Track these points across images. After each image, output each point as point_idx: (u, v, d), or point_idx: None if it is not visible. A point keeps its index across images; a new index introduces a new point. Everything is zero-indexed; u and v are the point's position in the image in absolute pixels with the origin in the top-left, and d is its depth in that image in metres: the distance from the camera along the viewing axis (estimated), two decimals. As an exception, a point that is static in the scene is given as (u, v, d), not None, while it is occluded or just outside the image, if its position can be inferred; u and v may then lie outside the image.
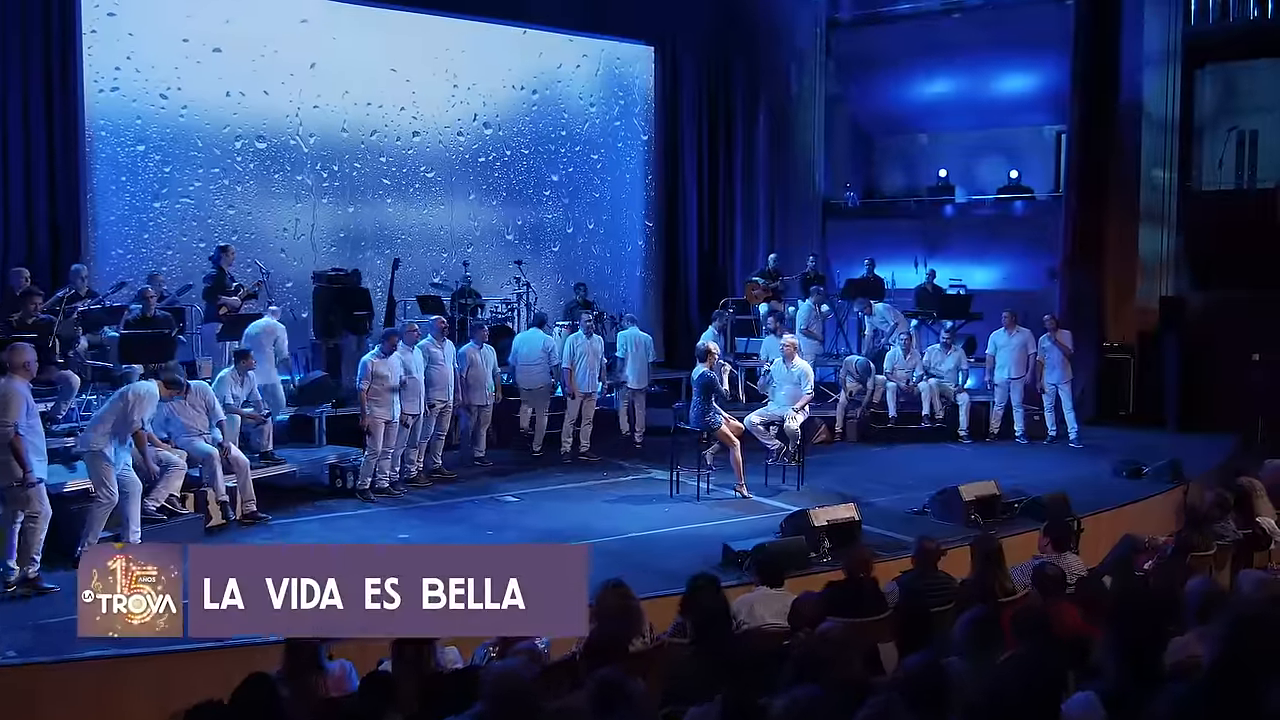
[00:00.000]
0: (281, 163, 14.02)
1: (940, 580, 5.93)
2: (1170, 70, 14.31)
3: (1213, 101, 14.56)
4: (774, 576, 5.58)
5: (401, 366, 9.63)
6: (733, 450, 9.51)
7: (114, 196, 12.91)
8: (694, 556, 7.49)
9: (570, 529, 8.42)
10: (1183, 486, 10.22)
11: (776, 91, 17.56)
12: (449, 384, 10.24)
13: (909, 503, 9.25)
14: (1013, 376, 12.57)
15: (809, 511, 7.69)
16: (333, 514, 9.00)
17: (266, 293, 11.22)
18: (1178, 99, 14.27)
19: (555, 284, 16.19)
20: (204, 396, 8.54)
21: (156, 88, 13.09)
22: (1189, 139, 14.38)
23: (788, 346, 10.19)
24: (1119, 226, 14.55)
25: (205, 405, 8.52)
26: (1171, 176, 14.29)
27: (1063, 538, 6.32)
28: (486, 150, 15.66)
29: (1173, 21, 14.20)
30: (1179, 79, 14.29)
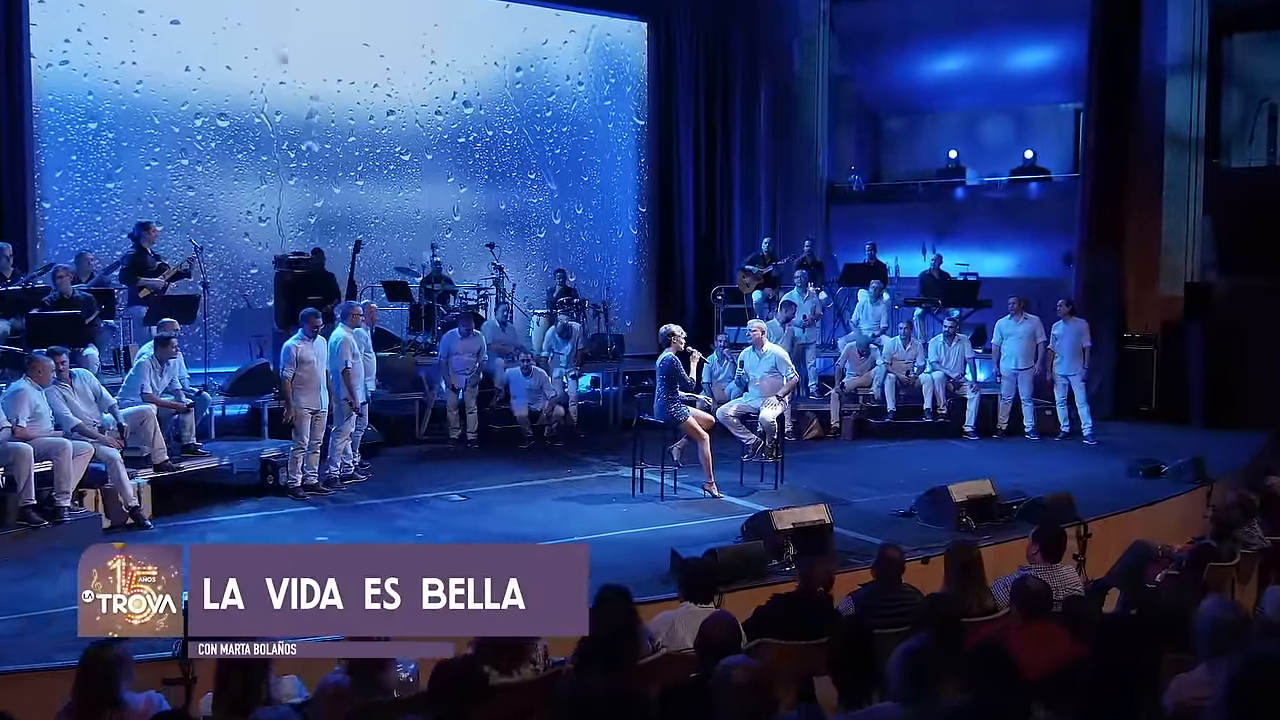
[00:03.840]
0: (245, 142, 13.28)
1: (903, 596, 5.03)
2: (1196, 40, 13.28)
3: (1242, 74, 13.51)
4: (699, 590, 4.68)
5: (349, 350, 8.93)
6: (701, 445, 8.62)
7: (64, 177, 12.22)
8: (643, 565, 6.62)
9: (509, 531, 7.57)
10: (1206, 487, 9.22)
11: (777, 69, 16.68)
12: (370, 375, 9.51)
13: (895, 504, 8.32)
14: (1020, 367, 11.63)
15: (771, 513, 6.78)
16: (247, 514, 8.17)
17: (199, 270, 10.41)
18: (1204, 71, 13.26)
19: (541, 272, 15.37)
20: (90, 384, 7.75)
21: (110, 61, 12.40)
22: (1216, 114, 13.39)
23: (755, 332, 9.28)
24: (1140, 208, 13.55)
25: (94, 393, 7.74)
26: (1197, 154, 13.25)
27: (1054, 546, 5.36)
28: (467, 130, 14.85)
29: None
30: (1205, 50, 13.26)
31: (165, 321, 8.78)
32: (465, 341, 11.17)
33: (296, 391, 8.51)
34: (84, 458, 7.39)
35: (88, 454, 7.42)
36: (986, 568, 5.65)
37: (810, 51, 16.58)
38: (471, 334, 11.25)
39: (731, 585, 6.14)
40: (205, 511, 8.13)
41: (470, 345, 11.20)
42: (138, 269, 9.89)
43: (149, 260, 10.08)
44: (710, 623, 3.94)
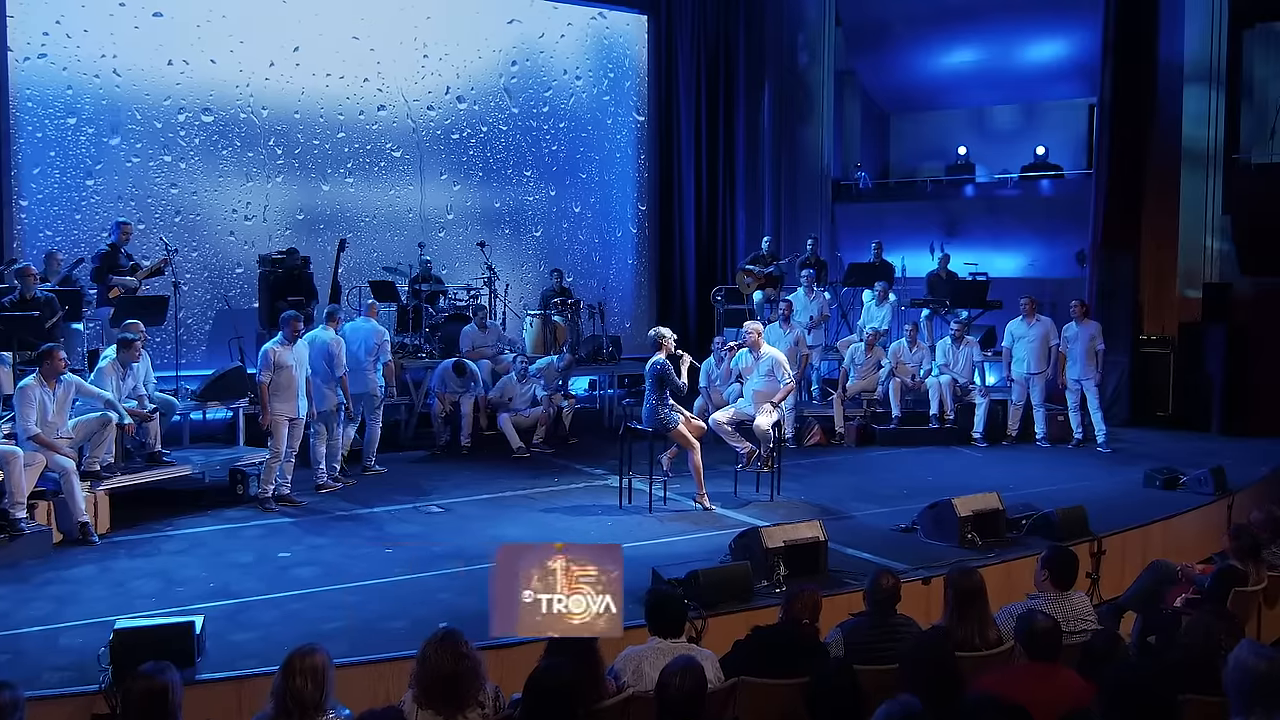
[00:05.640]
0: (230, 138, 12.88)
1: (898, 629, 4.56)
2: (1215, 31, 12.77)
3: (1263, 65, 12.96)
4: (666, 624, 4.22)
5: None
6: (691, 454, 8.16)
7: (42, 174, 11.85)
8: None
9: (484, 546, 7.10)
10: (1227, 500, 8.73)
11: (781, 64, 16.25)
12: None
13: (897, 517, 7.83)
14: (1032, 371, 11.14)
15: (761, 530, 6.30)
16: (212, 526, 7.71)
17: (172, 271, 10.00)
18: (1223, 63, 12.76)
19: (538, 271, 14.95)
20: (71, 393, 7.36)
21: (89, 55, 12.05)
22: (1236, 108, 12.84)
23: (751, 334, 8.79)
24: (1156, 206, 13.04)
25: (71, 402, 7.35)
26: (1216, 150, 12.72)
27: (1066, 573, 4.88)
28: (460, 126, 14.43)
29: (1218, -24, 12.67)
30: (1225, 41, 12.74)
31: (129, 323, 8.35)
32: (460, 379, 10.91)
33: (273, 397, 8.09)
34: (36, 468, 7.00)
35: (40, 464, 7.02)
36: (993, 588, 5.20)
37: (815, 45, 16.15)
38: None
39: (716, 610, 5.70)
40: (168, 523, 7.70)
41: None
42: (109, 268, 9.48)
43: (121, 260, 9.67)
44: (671, 672, 3.48)
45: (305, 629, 5.47)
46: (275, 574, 6.52)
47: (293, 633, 5.35)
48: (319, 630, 5.44)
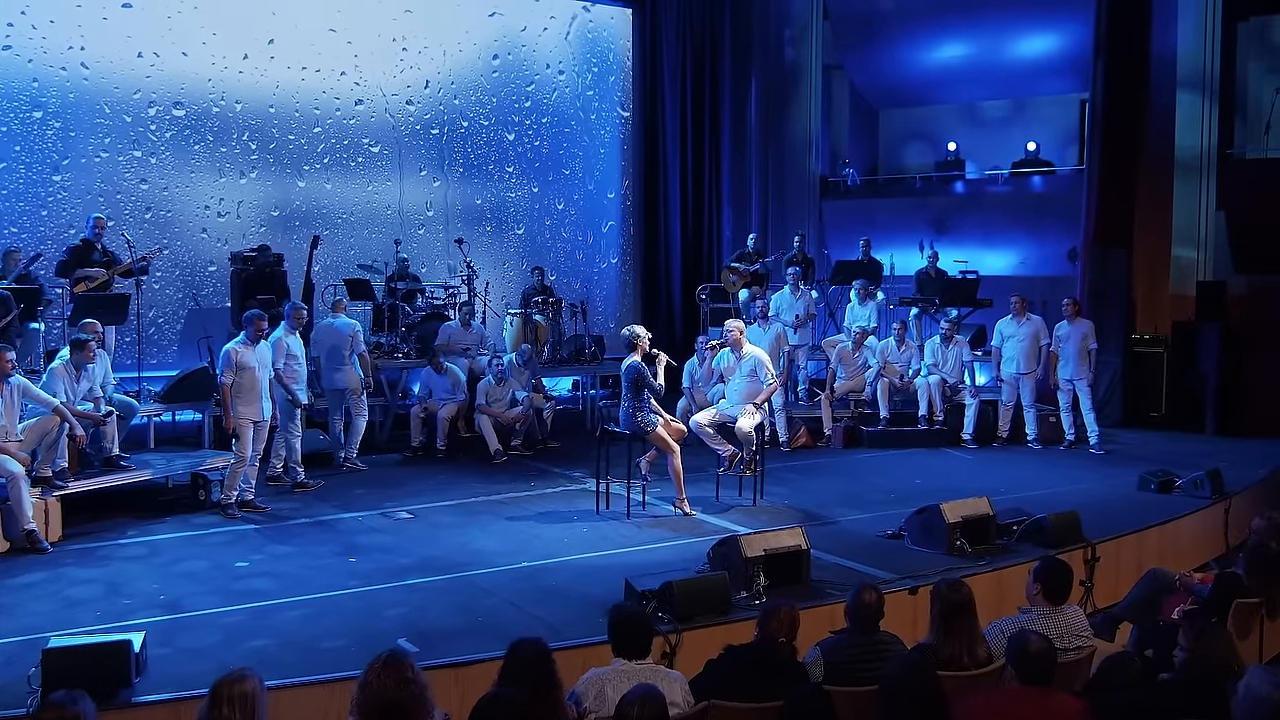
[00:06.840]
0: (202, 132, 12.57)
1: (881, 646, 4.28)
2: (1208, 24, 12.50)
3: (1257, 59, 12.71)
4: (630, 644, 3.93)
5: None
6: (671, 457, 7.87)
7: (8, 169, 11.54)
8: (592, 598, 5.86)
9: (450, 556, 6.81)
10: (1224, 503, 8.47)
11: (768, 58, 15.99)
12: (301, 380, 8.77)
13: (884, 523, 7.54)
14: (1021, 371, 10.88)
15: (740, 538, 6.01)
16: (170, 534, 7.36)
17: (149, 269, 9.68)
18: (1217, 56, 12.47)
19: (519, 269, 14.65)
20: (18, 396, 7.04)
21: (56, 46, 11.73)
22: (1230, 102, 12.58)
23: (733, 333, 8.49)
24: (1149, 202, 12.78)
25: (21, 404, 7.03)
26: (1210, 145, 12.46)
27: (1059, 586, 4.59)
28: (440, 121, 14.12)
29: (1210, -33, 12.40)
30: (1218, 35, 12.47)
31: (86, 322, 8.03)
32: (441, 378, 10.62)
33: (235, 399, 7.77)
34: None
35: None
36: (983, 597, 4.93)
37: (803, 39, 15.89)
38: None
39: (691, 623, 5.41)
40: (125, 530, 7.38)
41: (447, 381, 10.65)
42: (78, 261, 9.15)
43: (95, 255, 9.34)
44: (629, 702, 3.19)
45: (252, 647, 5.15)
46: (230, 585, 6.20)
47: (239, 651, 5.04)
48: (265, 648, 5.13)
